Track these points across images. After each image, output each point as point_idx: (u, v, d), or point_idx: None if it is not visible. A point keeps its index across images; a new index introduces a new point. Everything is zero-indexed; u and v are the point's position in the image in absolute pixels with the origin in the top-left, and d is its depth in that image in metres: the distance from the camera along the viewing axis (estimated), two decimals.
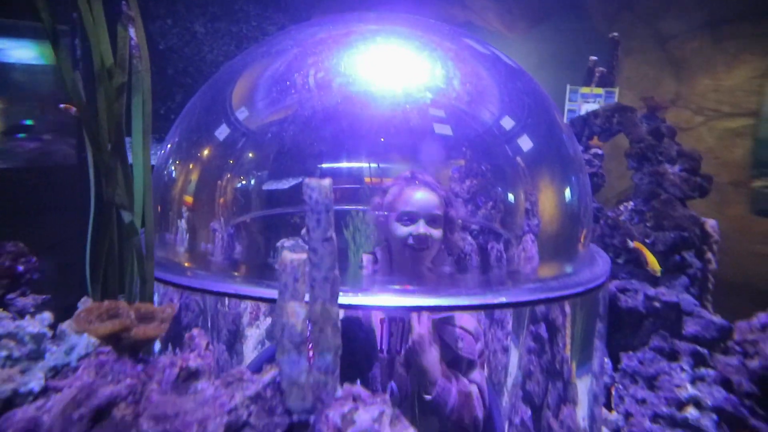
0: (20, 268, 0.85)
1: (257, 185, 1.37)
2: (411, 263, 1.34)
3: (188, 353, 0.76)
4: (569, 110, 3.91)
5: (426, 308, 1.23)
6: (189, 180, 1.44)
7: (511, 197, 1.40)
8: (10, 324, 0.77)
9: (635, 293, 2.37)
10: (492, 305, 1.23)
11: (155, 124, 1.13)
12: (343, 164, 1.35)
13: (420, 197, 1.32)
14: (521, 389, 1.63)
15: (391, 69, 1.44)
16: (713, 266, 2.45)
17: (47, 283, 1.06)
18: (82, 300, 0.87)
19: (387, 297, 1.20)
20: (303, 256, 0.73)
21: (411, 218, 1.32)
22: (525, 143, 1.46)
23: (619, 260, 2.62)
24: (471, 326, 1.41)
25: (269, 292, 1.19)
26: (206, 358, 0.79)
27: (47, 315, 0.79)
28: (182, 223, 1.41)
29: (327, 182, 0.72)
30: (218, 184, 1.38)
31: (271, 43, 1.64)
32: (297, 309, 0.71)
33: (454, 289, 1.27)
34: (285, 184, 1.38)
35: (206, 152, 1.45)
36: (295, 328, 0.70)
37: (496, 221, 1.37)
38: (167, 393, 0.71)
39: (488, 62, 1.60)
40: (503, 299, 1.22)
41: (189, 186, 1.44)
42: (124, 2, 1.03)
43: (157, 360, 0.73)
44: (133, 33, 1.06)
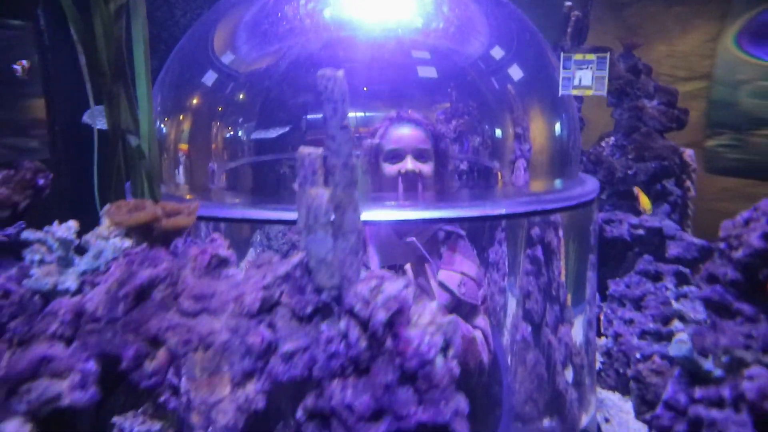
0: (41, 181, 0.87)
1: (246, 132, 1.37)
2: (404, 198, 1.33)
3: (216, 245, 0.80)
4: (564, 78, 3.94)
5: (427, 221, 1.28)
6: (188, 109, 1.45)
7: (508, 117, 1.44)
8: (38, 232, 0.80)
9: (619, 223, 2.46)
10: (491, 216, 1.29)
11: None
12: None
13: (404, 133, 1.30)
14: (521, 308, 1.71)
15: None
16: (692, 193, 2.55)
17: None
18: (105, 208, 0.89)
19: (387, 212, 1.23)
20: (319, 151, 0.77)
21: (397, 155, 1.30)
22: (515, 71, 1.50)
23: (602, 196, 2.71)
24: (473, 272, 1.39)
25: (275, 214, 1.22)
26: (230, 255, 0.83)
27: (72, 223, 0.81)
28: (183, 159, 1.43)
29: (341, 72, 0.75)
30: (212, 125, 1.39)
31: None
32: (320, 191, 0.75)
33: (455, 203, 1.32)
34: (273, 134, 1.40)
35: (203, 91, 1.46)
36: (321, 208, 0.74)
37: (488, 148, 1.40)
38: (202, 277, 0.75)
39: None
40: (503, 210, 1.28)
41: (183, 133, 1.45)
42: None
43: (188, 248, 0.77)
44: None
